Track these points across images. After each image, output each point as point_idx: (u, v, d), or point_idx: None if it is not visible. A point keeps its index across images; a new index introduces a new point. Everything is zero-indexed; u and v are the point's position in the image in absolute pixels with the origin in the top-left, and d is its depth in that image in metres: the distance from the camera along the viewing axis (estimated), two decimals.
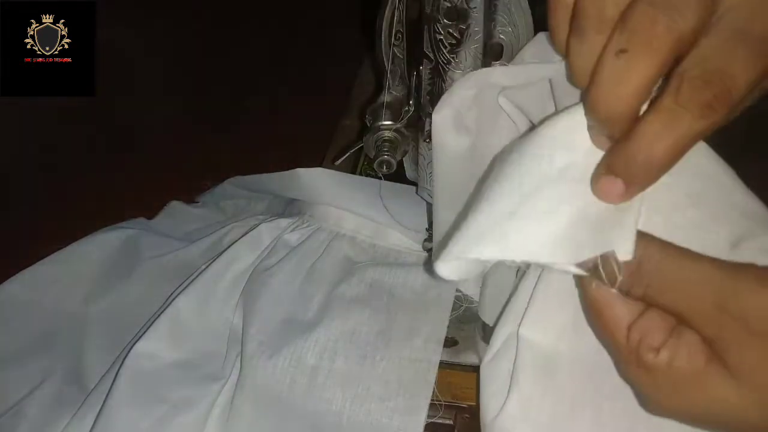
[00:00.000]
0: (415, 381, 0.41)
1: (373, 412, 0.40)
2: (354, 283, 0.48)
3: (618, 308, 0.24)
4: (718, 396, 0.23)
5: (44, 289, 0.52)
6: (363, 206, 0.51)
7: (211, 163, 0.69)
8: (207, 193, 0.64)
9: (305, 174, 0.51)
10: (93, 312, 0.51)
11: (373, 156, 0.39)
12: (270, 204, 0.61)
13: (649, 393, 0.25)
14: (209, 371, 0.46)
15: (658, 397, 0.24)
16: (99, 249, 0.54)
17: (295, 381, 0.41)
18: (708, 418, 0.24)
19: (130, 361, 0.44)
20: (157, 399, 0.43)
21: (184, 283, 0.50)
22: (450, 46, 0.35)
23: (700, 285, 0.22)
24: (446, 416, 0.41)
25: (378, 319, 0.45)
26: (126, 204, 0.63)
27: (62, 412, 0.44)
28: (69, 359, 0.48)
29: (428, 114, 0.39)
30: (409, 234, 0.50)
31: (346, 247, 0.51)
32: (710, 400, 0.23)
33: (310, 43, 0.93)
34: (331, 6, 1.00)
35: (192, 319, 0.47)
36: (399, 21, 0.37)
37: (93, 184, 0.69)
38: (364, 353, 0.43)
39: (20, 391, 0.46)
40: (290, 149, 0.72)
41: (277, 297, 0.47)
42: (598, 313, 0.25)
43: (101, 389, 0.44)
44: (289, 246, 0.51)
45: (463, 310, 0.47)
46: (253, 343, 0.44)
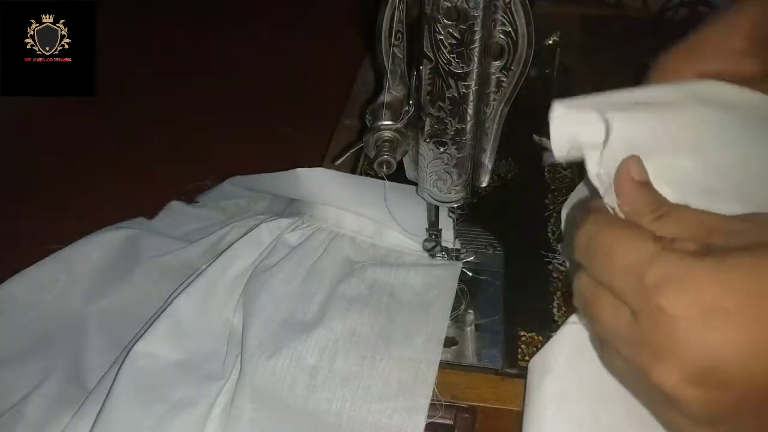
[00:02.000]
0: (415, 381, 0.41)
1: (373, 412, 0.40)
2: (354, 283, 0.48)
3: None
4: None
5: (44, 289, 0.52)
6: (363, 206, 0.51)
7: (211, 163, 0.69)
8: (207, 193, 0.64)
9: (305, 174, 0.51)
10: (93, 312, 0.51)
11: (373, 156, 0.39)
12: (270, 204, 0.61)
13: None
14: (209, 371, 0.46)
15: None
16: (99, 249, 0.54)
17: (295, 381, 0.41)
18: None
19: (130, 361, 0.44)
20: (157, 399, 0.43)
21: (184, 283, 0.50)
22: (450, 46, 0.35)
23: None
24: (446, 416, 0.41)
25: (378, 319, 0.45)
26: (126, 204, 0.63)
27: (62, 412, 0.44)
28: (69, 359, 0.48)
29: (428, 114, 0.39)
30: (409, 234, 0.50)
31: (346, 247, 0.51)
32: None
33: (310, 42, 0.93)
34: (331, 6, 1.00)
35: (192, 319, 0.47)
36: (399, 21, 0.37)
37: (93, 184, 0.69)
38: (364, 353, 0.43)
39: (20, 391, 0.46)
40: (290, 149, 0.72)
41: (277, 297, 0.47)
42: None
43: (101, 389, 0.44)
44: (289, 246, 0.51)
45: (463, 310, 0.47)
46: (253, 343, 0.44)
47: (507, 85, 0.38)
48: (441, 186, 0.43)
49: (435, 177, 0.42)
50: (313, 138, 0.70)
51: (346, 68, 0.79)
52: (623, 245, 0.26)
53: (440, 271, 0.49)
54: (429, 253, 0.50)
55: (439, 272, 0.48)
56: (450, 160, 0.41)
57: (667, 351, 0.24)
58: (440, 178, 0.42)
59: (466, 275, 0.50)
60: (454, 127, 0.39)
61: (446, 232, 0.50)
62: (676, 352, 0.24)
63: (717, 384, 0.23)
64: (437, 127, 0.39)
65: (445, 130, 0.39)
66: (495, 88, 0.39)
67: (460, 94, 0.37)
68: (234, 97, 0.84)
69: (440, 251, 0.50)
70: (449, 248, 0.50)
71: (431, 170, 0.42)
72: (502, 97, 0.39)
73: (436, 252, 0.50)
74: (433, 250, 0.50)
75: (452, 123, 0.39)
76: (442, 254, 0.50)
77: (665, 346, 0.24)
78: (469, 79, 0.36)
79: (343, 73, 0.78)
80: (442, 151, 0.40)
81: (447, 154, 0.41)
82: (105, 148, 0.75)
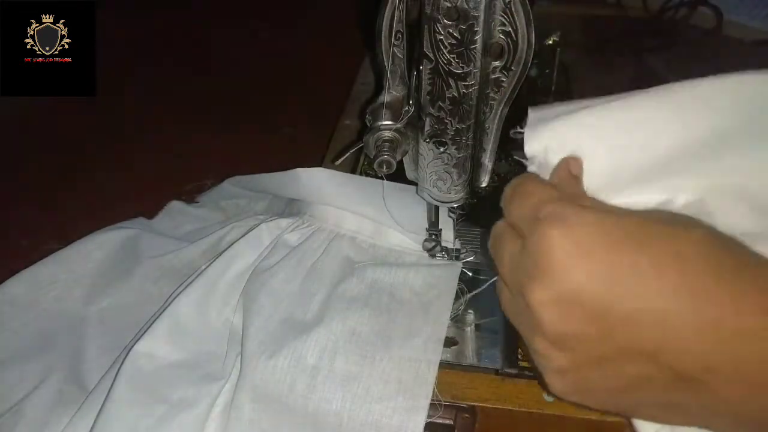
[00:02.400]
0: (415, 381, 0.41)
1: (373, 412, 0.40)
2: (354, 283, 0.48)
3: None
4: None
5: (44, 289, 0.52)
6: (363, 206, 0.51)
7: (211, 163, 0.69)
8: (207, 193, 0.64)
9: (305, 174, 0.51)
10: (93, 312, 0.51)
11: (373, 156, 0.39)
12: (270, 204, 0.61)
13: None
14: (209, 371, 0.46)
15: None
16: (99, 249, 0.54)
17: (295, 381, 0.41)
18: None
19: (129, 361, 0.44)
20: (157, 399, 0.43)
21: (184, 283, 0.50)
22: (450, 46, 0.35)
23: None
24: (446, 416, 0.41)
25: (378, 319, 0.45)
26: (126, 204, 0.63)
27: (62, 412, 0.44)
28: (69, 359, 0.48)
29: (428, 114, 0.39)
30: (409, 234, 0.50)
31: (346, 247, 0.51)
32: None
33: (310, 42, 0.94)
34: (331, 6, 1.00)
35: (192, 319, 0.47)
36: (399, 21, 0.37)
37: (93, 184, 0.69)
38: (364, 353, 0.43)
39: (20, 391, 0.46)
40: (290, 149, 0.72)
41: (277, 297, 0.47)
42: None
43: (101, 389, 0.44)
44: (289, 246, 0.51)
45: (463, 310, 0.47)
46: (253, 343, 0.44)
47: (507, 85, 0.38)
48: (441, 186, 0.43)
49: (435, 177, 0.42)
50: (313, 138, 0.70)
51: (346, 68, 0.79)
52: (533, 191, 0.31)
53: (440, 271, 0.49)
54: (429, 253, 0.50)
55: (439, 272, 0.48)
56: (450, 160, 0.41)
57: (540, 271, 0.28)
58: (440, 178, 0.42)
59: (466, 275, 0.50)
60: (454, 127, 0.39)
61: (446, 232, 0.50)
62: (548, 274, 0.28)
63: (575, 308, 0.28)
64: (437, 127, 0.39)
65: (445, 130, 0.39)
66: (495, 88, 0.39)
67: (460, 94, 0.37)
68: (234, 97, 0.84)
69: (440, 251, 0.50)
70: (449, 248, 0.50)
71: (431, 170, 0.42)
72: (502, 97, 0.39)
73: (436, 252, 0.50)
74: (433, 250, 0.50)
75: (452, 123, 0.39)
76: (442, 254, 0.50)
77: (541, 267, 0.28)
78: (469, 79, 0.36)
79: (343, 73, 0.78)
80: (442, 151, 0.40)
81: (447, 154, 0.41)
82: (105, 148, 0.75)
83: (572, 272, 0.27)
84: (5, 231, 0.62)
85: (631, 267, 0.27)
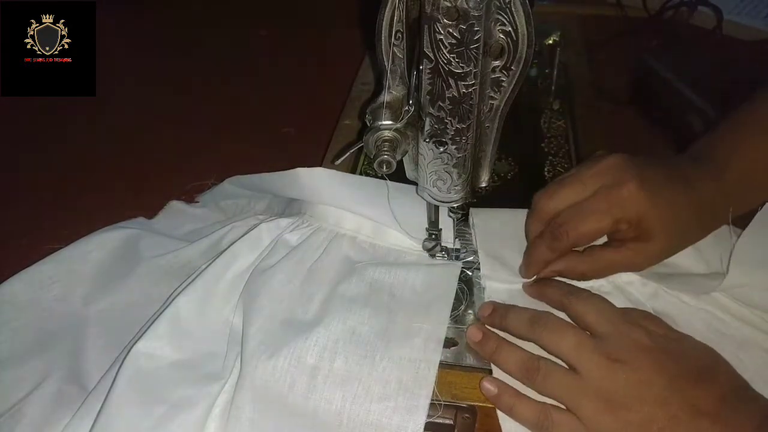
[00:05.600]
0: (415, 381, 0.41)
1: (373, 412, 0.40)
2: (354, 283, 0.48)
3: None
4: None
5: (44, 289, 0.52)
6: (363, 206, 0.51)
7: (211, 163, 0.69)
8: (207, 193, 0.64)
9: (305, 174, 0.51)
10: (93, 312, 0.51)
11: (373, 156, 0.39)
12: (270, 204, 0.61)
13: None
14: (209, 371, 0.46)
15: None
16: (99, 249, 0.54)
17: (295, 381, 0.41)
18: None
19: (129, 361, 0.44)
20: (157, 399, 0.43)
21: (184, 283, 0.50)
22: (450, 46, 0.35)
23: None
24: (446, 416, 0.41)
25: (378, 318, 0.45)
26: (126, 204, 0.63)
27: (62, 412, 0.44)
28: (69, 359, 0.48)
29: (428, 114, 0.39)
30: (409, 234, 0.50)
31: (346, 247, 0.51)
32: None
33: (310, 42, 0.93)
34: (331, 6, 1.00)
35: (192, 319, 0.47)
36: (399, 21, 0.37)
37: (93, 184, 0.69)
38: (364, 353, 0.43)
39: (20, 391, 0.46)
40: (290, 149, 0.72)
41: (277, 297, 0.47)
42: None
43: (101, 389, 0.44)
44: (289, 246, 0.51)
45: (463, 310, 0.47)
46: (253, 343, 0.44)
47: (507, 85, 0.38)
48: (441, 186, 0.43)
49: (435, 177, 0.42)
50: (313, 138, 0.70)
51: (346, 68, 0.79)
52: (566, 329, 0.41)
53: (440, 271, 0.49)
54: (429, 253, 0.50)
55: (439, 272, 0.48)
56: (450, 160, 0.41)
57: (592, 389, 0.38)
58: (440, 178, 0.42)
59: (466, 275, 0.50)
60: (454, 127, 0.39)
61: (446, 232, 0.50)
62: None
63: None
64: (437, 127, 0.39)
65: (445, 130, 0.39)
66: (495, 88, 0.39)
67: (460, 94, 0.37)
68: (234, 97, 0.84)
69: (440, 251, 0.50)
70: (449, 248, 0.50)
71: (431, 170, 0.42)
72: (502, 97, 0.39)
73: (436, 252, 0.50)
74: (433, 250, 0.50)
75: (452, 123, 0.39)
76: (442, 254, 0.50)
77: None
78: (469, 79, 0.36)
79: (343, 73, 0.78)
80: (442, 151, 0.40)
81: (447, 154, 0.41)
82: (105, 148, 0.75)
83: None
84: (6, 231, 0.62)
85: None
